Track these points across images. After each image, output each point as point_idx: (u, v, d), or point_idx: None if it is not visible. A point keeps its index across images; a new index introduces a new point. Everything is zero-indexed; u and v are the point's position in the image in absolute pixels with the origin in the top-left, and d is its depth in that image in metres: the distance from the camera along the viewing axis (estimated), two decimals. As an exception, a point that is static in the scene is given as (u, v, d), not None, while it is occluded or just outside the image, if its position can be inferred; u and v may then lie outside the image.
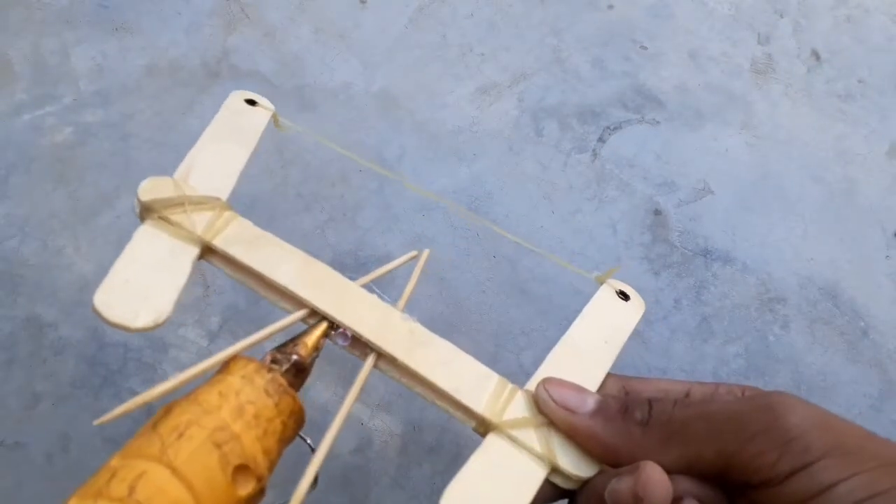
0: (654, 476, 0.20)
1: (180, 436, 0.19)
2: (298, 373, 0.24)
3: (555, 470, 0.23)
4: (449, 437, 0.48)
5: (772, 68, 0.62)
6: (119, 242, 0.60)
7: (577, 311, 0.29)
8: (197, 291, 0.53)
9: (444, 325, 0.51)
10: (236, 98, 0.31)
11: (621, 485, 0.20)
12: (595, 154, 0.58)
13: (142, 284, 0.25)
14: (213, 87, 0.62)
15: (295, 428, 0.23)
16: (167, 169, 0.58)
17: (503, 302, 0.52)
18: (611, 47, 0.63)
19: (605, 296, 0.28)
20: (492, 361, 0.32)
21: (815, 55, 0.63)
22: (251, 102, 0.31)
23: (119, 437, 0.48)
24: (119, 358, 0.50)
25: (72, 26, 0.64)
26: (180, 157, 0.60)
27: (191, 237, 0.26)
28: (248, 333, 0.56)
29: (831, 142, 0.59)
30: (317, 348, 0.25)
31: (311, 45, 0.64)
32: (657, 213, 0.55)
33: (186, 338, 0.51)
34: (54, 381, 0.49)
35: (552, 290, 0.52)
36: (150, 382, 0.50)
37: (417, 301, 0.52)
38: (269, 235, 0.28)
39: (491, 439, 0.24)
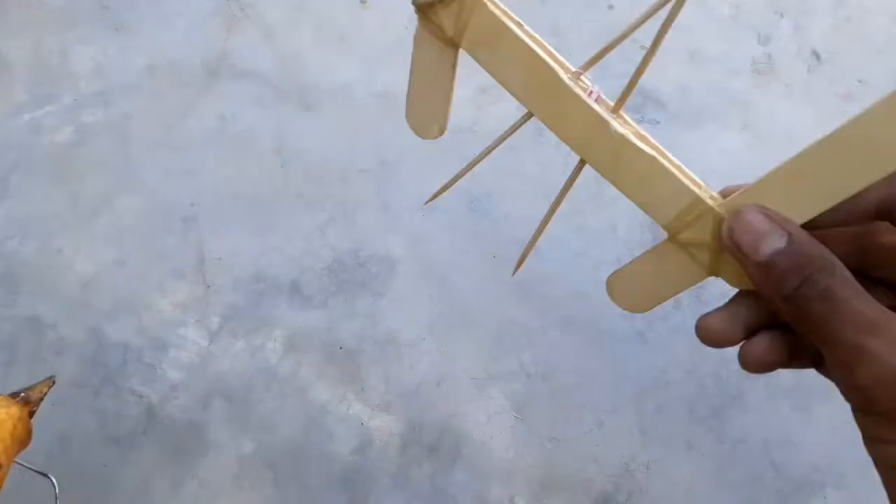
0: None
1: None
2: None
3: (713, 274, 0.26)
4: (449, 436, 0.48)
5: (772, 68, 0.62)
6: (119, 242, 0.60)
7: (578, 312, 0.29)
8: (197, 291, 0.53)
9: (444, 325, 0.51)
10: None
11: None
12: (595, 154, 0.58)
13: (426, 101, 0.30)
14: (213, 87, 0.62)
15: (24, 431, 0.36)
16: (167, 169, 0.58)
17: (503, 302, 0.52)
18: (611, 47, 0.63)
19: None
20: (492, 361, 0.32)
21: (816, 55, 0.63)
22: None
23: (120, 437, 0.48)
24: (119, 358, 0.50)
25: (72, 26, 0.64)
26: (180, 157, 0.60)
27: (446, 38, 0.29)
28: (248, 333, 0.56)
29: (831, 142, 0.59)
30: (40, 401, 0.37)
31: (311, 45, 0.64)
32: (657, 213, 0.55)
33: (186, 337, 0.51)
34: (54, 381, 0.49)
35: (552, 290, 0.52)
36: (151, 382, 0.50)
37: (417, 301, 0.52)
38: (507, 29, 0.29)
39: (666, 245, 0.27)
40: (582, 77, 0.28)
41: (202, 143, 0.59)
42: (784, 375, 0.51)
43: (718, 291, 0.55)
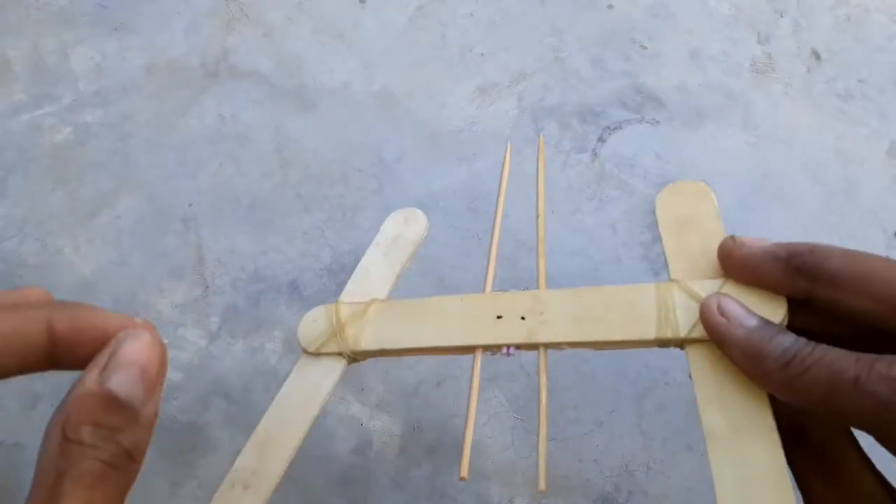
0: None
1: None
2: None
3: None
4: (449, 437, 0.48)
5: (772, 68, 0.62)
6: (118, 242, 0.60)
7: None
8: (196, 292, 0.53)
9: (444, 325, 0.51)
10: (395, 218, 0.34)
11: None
12: (595, 154, 0.58)
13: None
14: (212, 87, 0.61)
15: None
16: (166, 169, 0.58)
17: (503, 302, 0.52)
18: (611, 47, 0.63)
19: None
20: (492, 361, 0.32)
21: (815, 55, 0.63)
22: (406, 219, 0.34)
23: (118, 438, 0.48)
24: (118, 358, 0.50)
25: (71, 26, 0.64)
26: (179, 157, 0.60)
27: (339, 357, 0.30)
28: (248, 334, 0.56)
29: (831, 141, 0.59)
30: None
31: (310, 44, 0.64)
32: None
33: (185, 338, 0.51)
34: (53, 381, 0.49)
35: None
36: (150, 383, 0.49)
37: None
38: (405, 303, 0.30)
39: (691, 354, 0.24)
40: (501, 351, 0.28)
41: (201, 143, 0.59)
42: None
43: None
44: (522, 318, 0.28)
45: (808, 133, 0.59)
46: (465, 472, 0.25)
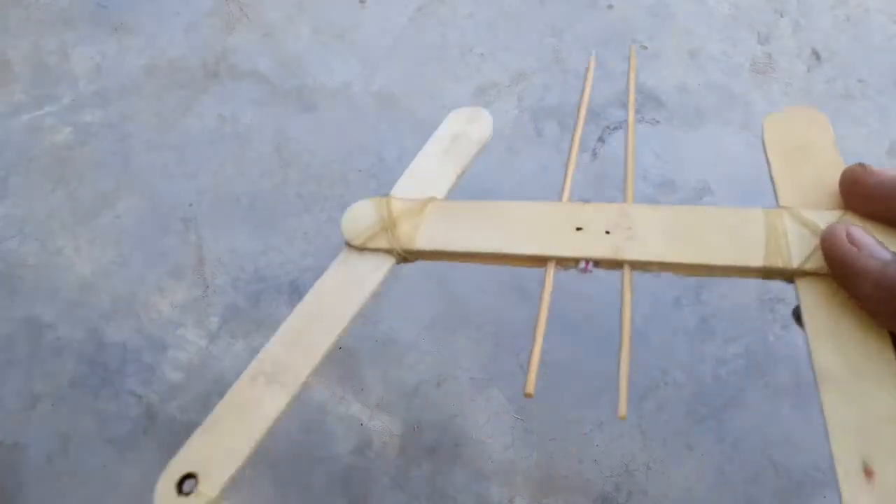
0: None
1: None
2: None
3: None
4: (449, 437, 0.48)
5: (772, 68, 0.62)
6: (118, 242, 0.60)
7: (578, 312, 0.29)
8: (196, 292, 0.53)
9: (444, 324, 0.51)
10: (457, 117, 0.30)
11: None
12: (595, 154, 0.58)
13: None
14: (212, 87, 0.62)
15: None
16: (166, 169, 0.58)
17: (503, 302, 0.52)
18: (611, 47, 0.63)
19: None
20: (492, 361, 0.32)
21: (815, 55, 0.63)
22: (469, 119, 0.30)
23: (119, 438, 0.48)
24: (118, 358, 0.50)
25: (71, 26, 0.64)
26: (179, 157, 0.60)
27: (387, 255, 0.27)
28: (248, 333, 0.56)
29: (831, 141, 0.59)
30: None
31: (310, 44, 0.64)
32: (657, 212, 0.55)
33: (185, 338, 0.51)
34: (53, 381, 0.49)
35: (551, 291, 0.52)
36: (150, 383, 0.49)
37: (417, 301, 0.52)
38: (470, 204, 0.26)
39: (803, 288, 0.22)
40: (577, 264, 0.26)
41: (201, 144, 0.59)
42: (784, 375, 0.51)
43: (718, 292, 0.55)
44: (607, 233, 0.25)
45: (808, 133, 0.59)
46: (531, 388, 0.23)
